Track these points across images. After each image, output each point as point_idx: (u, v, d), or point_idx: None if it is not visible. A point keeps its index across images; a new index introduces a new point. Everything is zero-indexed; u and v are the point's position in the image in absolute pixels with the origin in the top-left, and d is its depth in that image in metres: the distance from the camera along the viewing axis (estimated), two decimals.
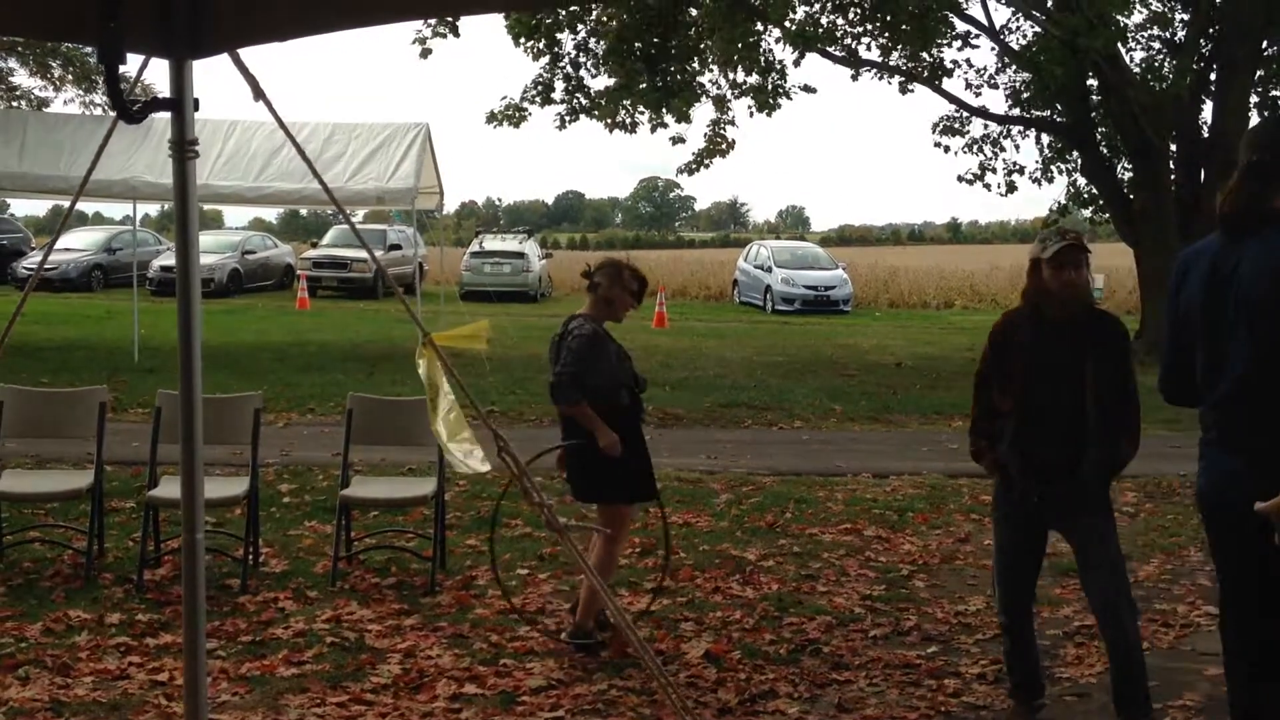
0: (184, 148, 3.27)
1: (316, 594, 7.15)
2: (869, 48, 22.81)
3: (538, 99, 21.94)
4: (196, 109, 3.29)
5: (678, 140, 22.52)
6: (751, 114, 22.11)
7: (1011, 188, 25.12)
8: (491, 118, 22.18)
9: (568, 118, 22.08)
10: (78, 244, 33.31)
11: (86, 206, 49.21)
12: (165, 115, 3.23)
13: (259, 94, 3.43)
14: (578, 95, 22.00)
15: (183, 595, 3.29)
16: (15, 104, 30.25)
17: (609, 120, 21.71)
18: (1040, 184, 25.32)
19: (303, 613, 6.82)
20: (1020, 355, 5.23)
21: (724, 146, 22.49)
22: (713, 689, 5.83)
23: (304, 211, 71.46)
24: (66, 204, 22.64)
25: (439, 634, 6.53)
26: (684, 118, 21.73)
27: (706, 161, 22.55)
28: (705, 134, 22.48)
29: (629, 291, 6.45)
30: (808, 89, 22.43)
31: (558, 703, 5.61)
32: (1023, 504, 5.26)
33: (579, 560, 4.49)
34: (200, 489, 3.32)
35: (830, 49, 22.23)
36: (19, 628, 6.41)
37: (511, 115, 22.07)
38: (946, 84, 22.86)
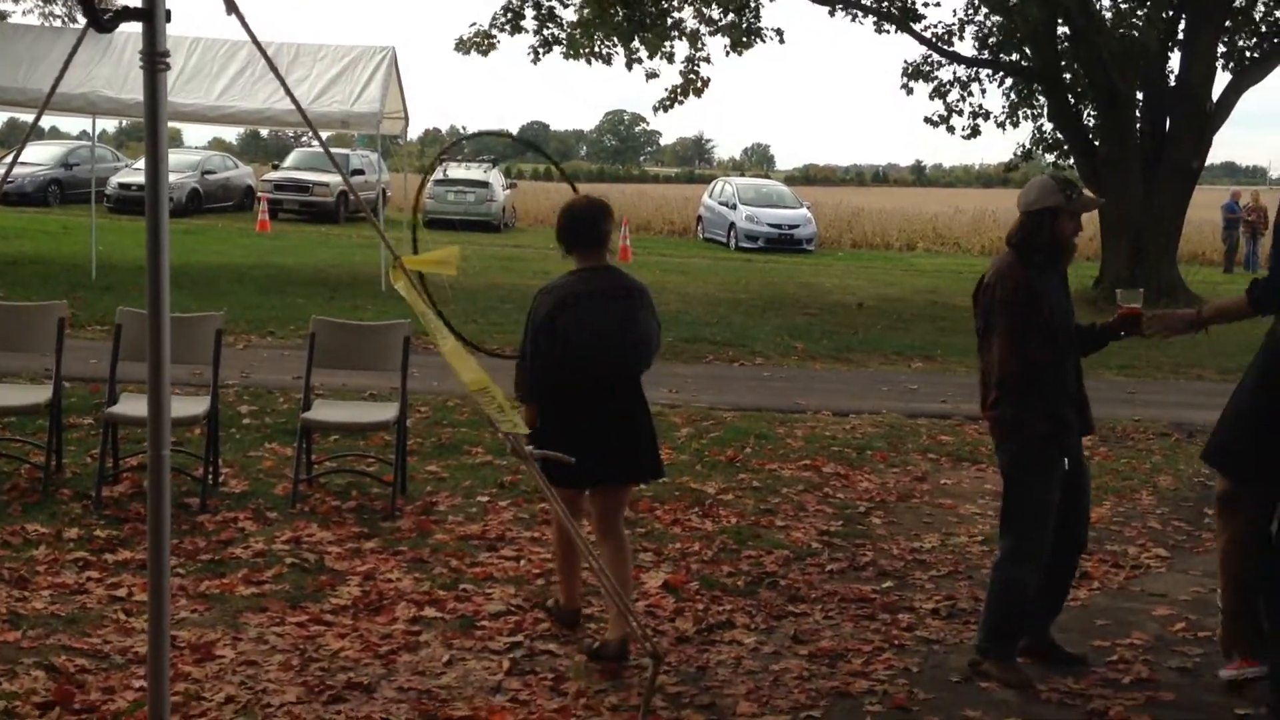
0: (155, 59, 3.22)
1: (276, 515, 7.15)
2: None
3: (507, 27, 21.68)
4: (169, 20, 3.24)
5: (652, 75, 22.36)
6: (727, 53, 21.95)
7: (976, 131, 25.20)
8: (460, 45, 21.90)
9: (541, 50, 21.86)
10: (34, 158, 32.75)
11: (43, 120, 48.38)
12: (125, 31, 3.18)
13: (231, 7, 3.38)
14: (549, 25, 21.76)
15: (148, 511, 3.28)
16: None
17: (585, 50, 21.49)
18: (1005, 128, 25.39)
19: (262, 533, 6.82)
20: (1050, 304, 5.20)
21: (699, 84, 22.35)
22: (671, 618, 5.90)
23: (264, 133, 70.80)
24: (23, 116, 22.32)
25: (399, 558, 6.55)
26: (657, 51, 21.56)
27: (681, 98, 22.40)
28: (680, 71, 22.31)
29: None
30: (779, 33, 22.29)
31: (518, 627, 5.66)
32: (1070, 451, 5.24)
33: (545, 489, 4.51)
34: (167, 405, 3.30)
35: None
36: None
37: (480, 43, 21.81)
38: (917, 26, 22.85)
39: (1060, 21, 21.18)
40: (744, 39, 21.60)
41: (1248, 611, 5.12)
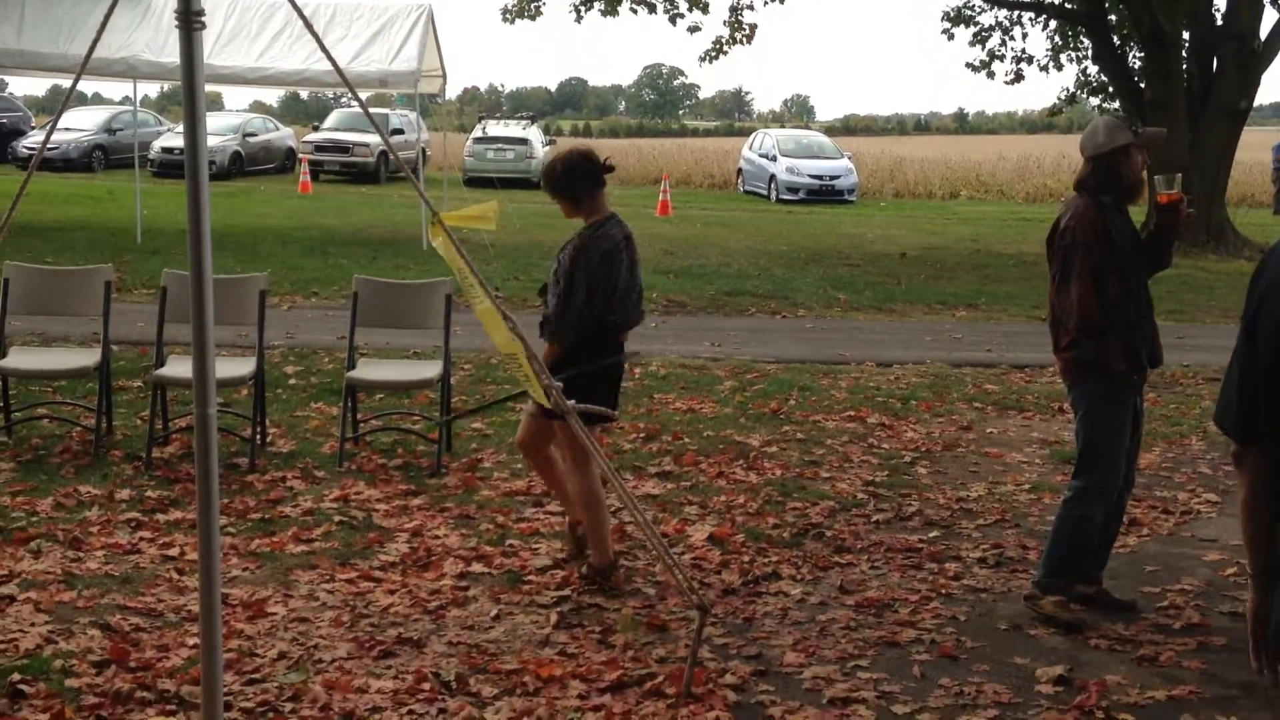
0: (190, 18, 3.22)
1: (324, 474, 7.21)
2: None
3: None
4: None
5: (695, 29, 22.19)
6: (767, 2, 21.77)
7: (1019, 76, 24.92)
8: (506, 14, 21.83)
9: (583, 8, 21.75)
10: (78, 124, 32.97)
11: (86, 86, 48.80)
12: None
13: None
14: None
15: (196, 468, 3.31)
16: None
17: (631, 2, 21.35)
18: (1048, 71, 25.11)
19: (310, 492, 6.88)
20: (1126, 243, 5.26)
21: (746, 32, 22.17)
22: (717, 570, 5.91)
23: (304, 94, 70.88)
24: (65, 82, 22.42)
25: (445, 514, 6.59)
26: (697, 3, 21.38)
27: (727, 48, 22.25)
28: (726, 21, 22.14)
29: None
30: None
31: (564, 581, 5.69)
32: (1138, 388, 5.35)
33: (586, 442, 4.52)
34: (212, 365, 3.32)
35: None
36: (30, 502, 6.48)
37: (526, 8, 21.74)
38: None
39: None
40: None
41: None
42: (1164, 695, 4.68)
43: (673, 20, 21.77)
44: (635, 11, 21.66)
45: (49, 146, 30.80)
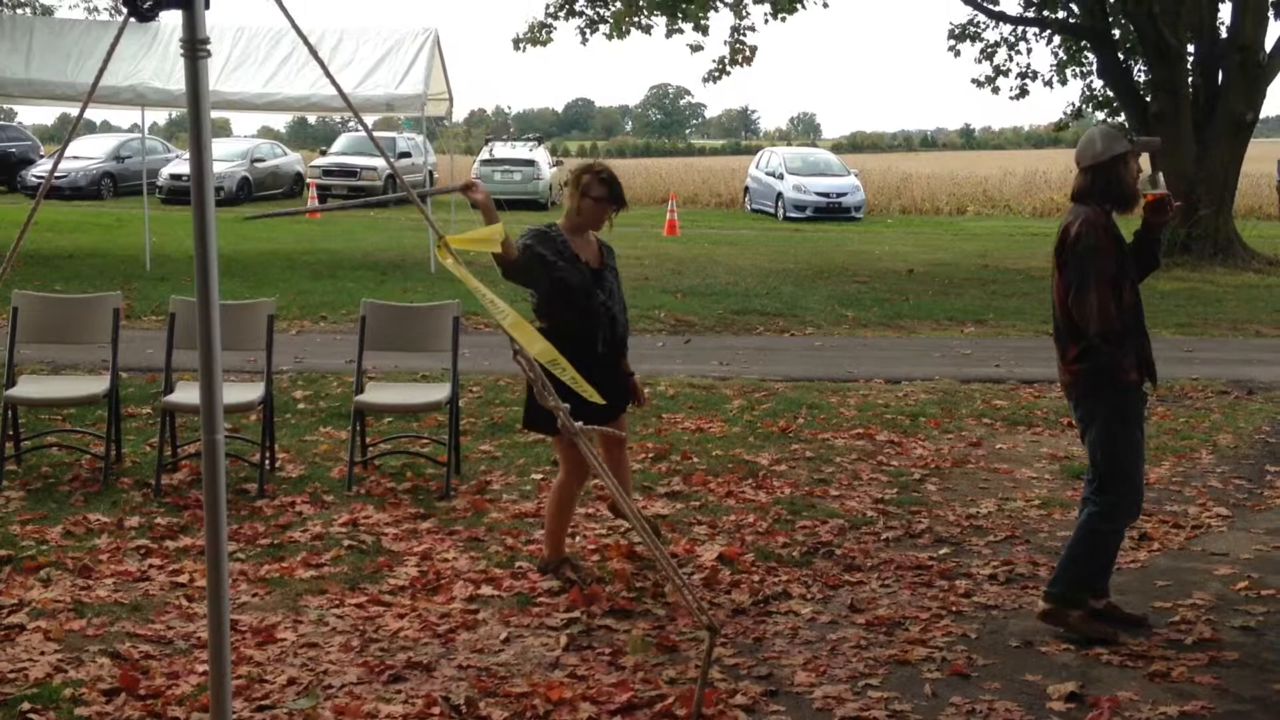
0: (196, 46, 3.23)
1: (333, 498, 7.22)
2: None
3: (562, 13, 21.64)
4: (207, 6, 3.25)
5: (696, 48, 22.24)
6: (768, 20, 21.78)
7: (1024, 92, 24.98)
8: (518, 42, 21.89)
9: (588, 30, 21.82)
10: (87, 152, 33.11)
11: (94, 114, 49.02)
12: (171, 22, 3.20)
13: None
14: (598, 5, 21.70)
15: (204, 493, 3.32)
16: (20, 10, 29.92)
17: (627, 23, 21.40)
18: (1053, 86, 25.18)
19: (320, 516, 6.88)
20: (1126, 251, 5.30)
21: (746, 53, 22.22)
22: (727, 590, 5.90)
23: (312, 119, 71.28)
24: (74, 111, 22.55)
25: (455, 538, 6.59)
26: (699, 25, 21.43)
27: (729, 69, 22.31)
28: (727, 42, 22.21)
29: (589, 196, 6.12)
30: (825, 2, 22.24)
31: (574, 604, 5.67)
32: (1144, 399, 5.35)
33: (594, 464, 4.52)
34: (219, 390, 3.33)
35: None
36: (39, 531, 6.49)
37: (538, 35, 21.82)
38: None
39: None
40: (786, 5, 21.43)
41: None
42: (1176, 711, 4.65)
43: (669, 34, 21.82)
44: (628, 33, 21.71)
45: (57, 175, 31.02)
